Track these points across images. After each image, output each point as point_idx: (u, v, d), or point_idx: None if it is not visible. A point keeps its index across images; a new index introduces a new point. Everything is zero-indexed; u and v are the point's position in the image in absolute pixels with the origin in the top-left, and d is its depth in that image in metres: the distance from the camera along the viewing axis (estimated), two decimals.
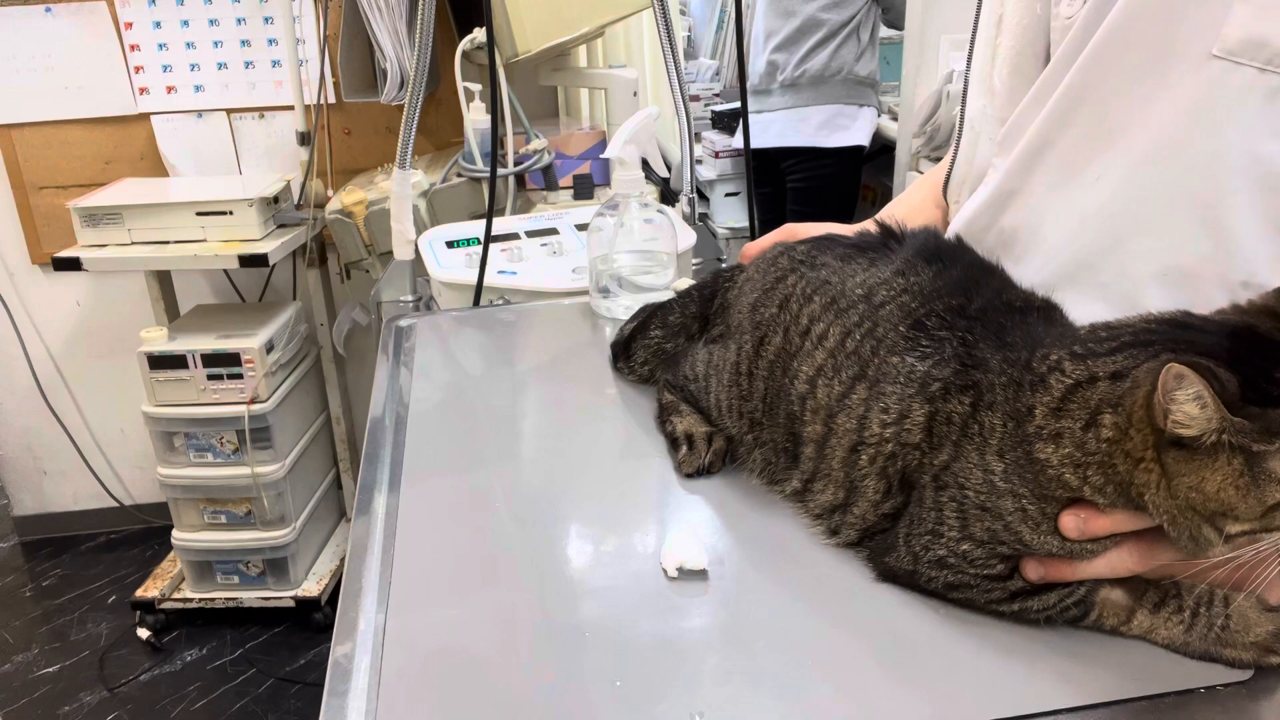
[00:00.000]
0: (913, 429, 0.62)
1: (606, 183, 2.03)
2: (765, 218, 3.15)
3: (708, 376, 0.79)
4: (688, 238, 1.36)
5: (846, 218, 3.13)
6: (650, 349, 0.91)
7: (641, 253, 1.11)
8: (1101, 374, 0.54)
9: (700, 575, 0.64)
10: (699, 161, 3.34)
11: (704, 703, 0.54)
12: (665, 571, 0.65)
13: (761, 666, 0.56)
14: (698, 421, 0.80)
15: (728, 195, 3.49)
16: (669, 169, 2.00)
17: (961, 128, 0.87)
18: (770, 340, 0.73)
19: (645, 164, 1.13)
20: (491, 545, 0.70)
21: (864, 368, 0.66)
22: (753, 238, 1.48)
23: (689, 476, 0.76)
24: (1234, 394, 0.49)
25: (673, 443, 0.80)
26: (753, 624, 0.60)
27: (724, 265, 1.50)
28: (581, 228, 1.46)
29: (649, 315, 0.94)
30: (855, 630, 0.59)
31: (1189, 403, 0.49)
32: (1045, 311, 0.65)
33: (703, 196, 3.50)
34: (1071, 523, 0.55)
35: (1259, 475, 0.49)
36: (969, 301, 0.65)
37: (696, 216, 1.49)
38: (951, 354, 0.62)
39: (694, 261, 1.43)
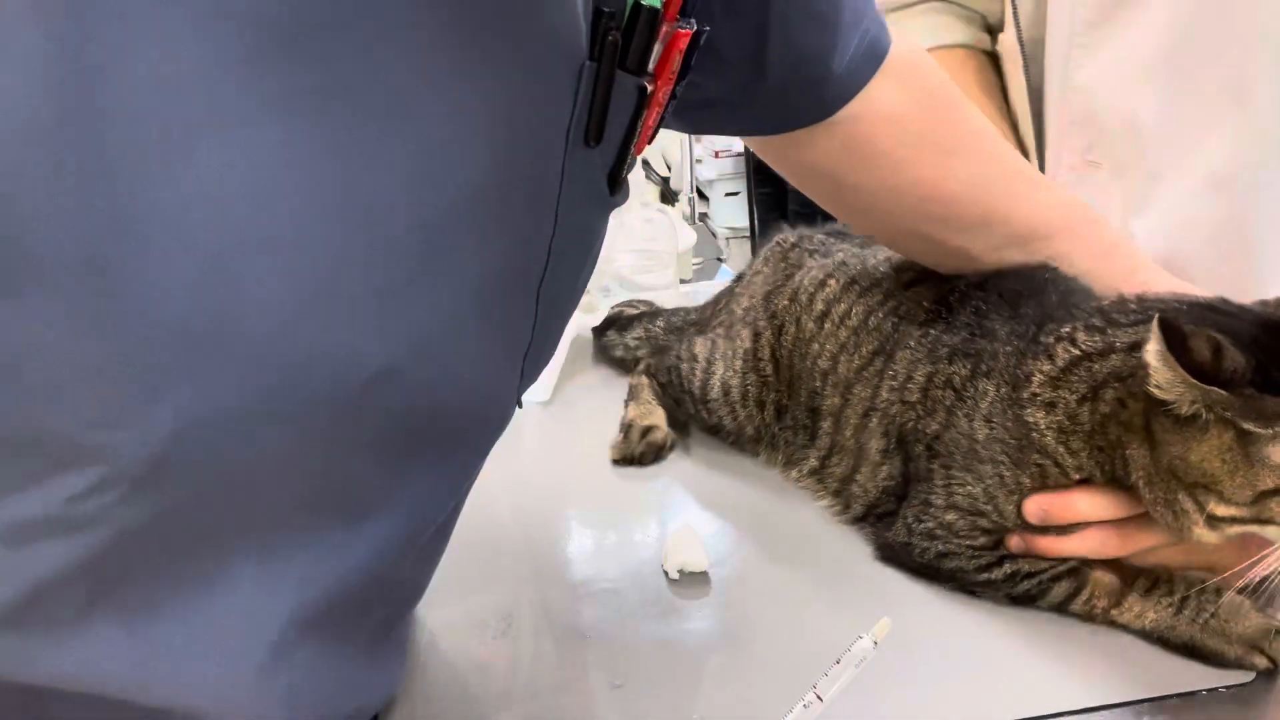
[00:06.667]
0: (913, 388, 0.64)
1: None
2: (765, 218, 3.15)
3: (710, 359, 0.78)
4: (688, 237, 1.35)
5: None
6: (650, 336, 0.91)
7: (641, 252, 1.11)
8: (1119, 344, 0.55)
9: (701, 577, 0.64)
10: (699, 161, 3.33)
11: (705, 704, 0.53)
12: (666, 573, 0.64)
13: (763, 668, 0.56)
14: (646, 412, 0.80)
15: (728, 195, 3.48)
16: (669, 169, 2.00)
17: None
18: (788, 329, 0.74)
19: (645, 163, 1.13)
20: (492, 546, 0.70)
21: (884, 342, 0.67)
22: (753, 238, 1.48)
23: (615, 464, 0.77)
24: (1235, 371, 0.49)
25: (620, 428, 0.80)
26: (754, 626, 0.60)
27: (723, 264, 1.50)
28: None
29: (655, 312, 0.94)
30: (856, 632, 0.59)
31: (1153, 356, 0.50)
32: (1065, 289, 0.65)
33: (703, 196, 3.49)
34: (1034, 508, 0.57)
35: (1252, 456, 0.49)
36: (997, 277, 0.67)
37: (696, 216, 1.49)
38: (962, 323, 0.64)
39: (694, 261, 1.43)
